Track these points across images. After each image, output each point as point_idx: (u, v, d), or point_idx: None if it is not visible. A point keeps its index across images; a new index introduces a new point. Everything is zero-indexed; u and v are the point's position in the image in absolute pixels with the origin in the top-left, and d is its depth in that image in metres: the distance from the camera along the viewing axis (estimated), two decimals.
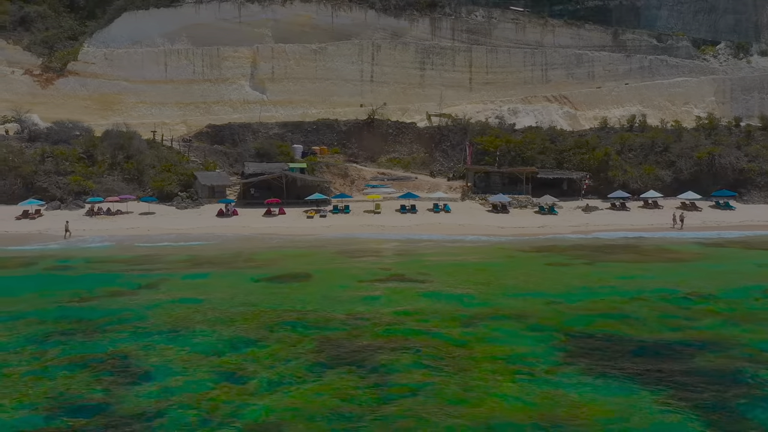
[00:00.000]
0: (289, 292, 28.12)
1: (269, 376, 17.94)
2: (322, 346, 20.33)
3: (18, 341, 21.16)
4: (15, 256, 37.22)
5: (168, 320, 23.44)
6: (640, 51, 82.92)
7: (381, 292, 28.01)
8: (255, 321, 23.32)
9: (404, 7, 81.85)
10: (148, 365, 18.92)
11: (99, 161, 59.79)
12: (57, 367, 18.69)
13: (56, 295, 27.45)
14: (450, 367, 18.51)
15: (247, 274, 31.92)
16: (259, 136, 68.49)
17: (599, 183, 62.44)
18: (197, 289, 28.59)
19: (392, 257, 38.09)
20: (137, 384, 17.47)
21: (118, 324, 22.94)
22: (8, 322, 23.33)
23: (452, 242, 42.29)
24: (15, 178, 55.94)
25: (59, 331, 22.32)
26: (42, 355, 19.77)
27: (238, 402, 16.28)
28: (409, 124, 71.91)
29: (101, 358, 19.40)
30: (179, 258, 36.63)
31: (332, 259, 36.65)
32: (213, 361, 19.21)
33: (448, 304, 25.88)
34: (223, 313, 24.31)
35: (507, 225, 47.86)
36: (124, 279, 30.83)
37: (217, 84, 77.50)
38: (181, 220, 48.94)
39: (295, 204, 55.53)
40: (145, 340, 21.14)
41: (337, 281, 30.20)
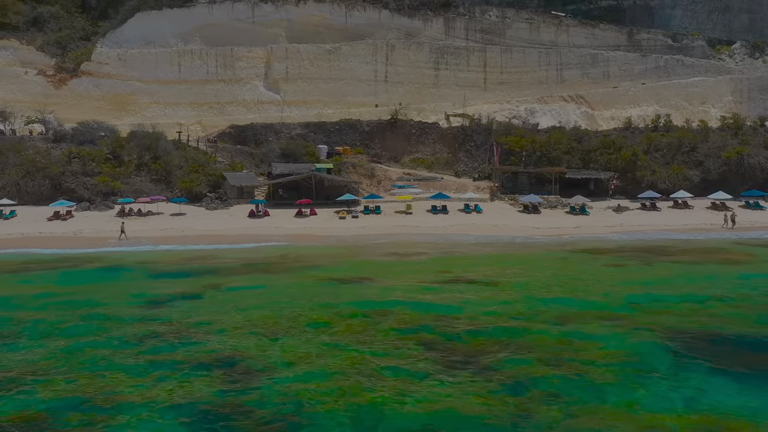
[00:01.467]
0: (372, 294, 27.76)
1: (405, 384, 17.35)
2: (443, 347, 20.07)
3: (121, 342, 20.86)
4: (85, 257, 36.60)
5: (265, 322, 23.09)
6: (655, 51, 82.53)
7: (471, 295, 27.61)
8: (355, 325, 22.81)
9: (418, 7, 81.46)
10: (264, 365, 18.64)
11: (126, 162, 59.34)
12: (173, 369, 18.33)
13: (154, 297, 27.13)
14: (577, 371, 18.20)
15: (311, 276, 31.47)
16: (282, 136, 68.07)
17: (627, 183, 62.02)
18: (275, 291, 28.23)
19: (444, 258, 37.46)
20: (258, 386, 17.13)
21: (224, 326, 22.61)
22: (104, 322, 23.06)
23: (496, 243, 41.67)
24: (43, 179, 55.56)
25: (164, 332, 21.96)
26: (149, 356, 19.42)
27: (383, 408, 15.78)
28: (432, 124, 71.47)
29: (223, 360, 19.06)
30: (245, 260, 36.20)
31: (385, 261, 36.38)
32: (331, 364, 18.77)
33: (541, 305, 25.53)
34: (315, 313, 23.98)
35: (542, 226, 47.34)
36: (208, 279, 30.63)
37: (231, 84, 77.08)
38: (214, 221, 48.34)
39: (324, 205, 55.06)
40: (249, 341, 20.79)
41: (407, 283, 29.82)
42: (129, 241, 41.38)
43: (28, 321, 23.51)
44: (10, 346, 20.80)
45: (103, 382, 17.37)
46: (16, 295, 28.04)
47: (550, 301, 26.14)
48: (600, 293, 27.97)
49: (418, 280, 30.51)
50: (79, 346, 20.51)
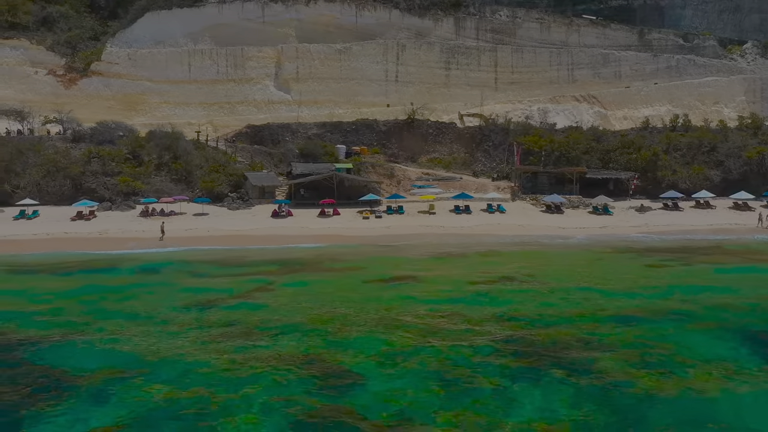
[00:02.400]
0: (427, 293, 27.57)
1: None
2: (525, 344, 20.21)
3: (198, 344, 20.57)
4: (128, 258, 36.20)
5: (333, 323, 22.93)
6: (667, 51, 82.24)
7: (527, 294, 27.55)
8: (426, 324, 22.51)
9: (428, 7, 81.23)
10: (354, 367, 18.52)
11: (145, 162, 58.99)
12: (260, 370, 18.16)
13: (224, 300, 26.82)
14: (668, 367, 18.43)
15: (355, 277, 31.37)
16: (298, 136, 67.81)
17: (647, 183, 61.76)
18: (326, 292, 28.14)
19: (482, 258, 37.13)
20: (355, 388, 17.02)
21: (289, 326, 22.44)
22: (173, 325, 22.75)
23: (529, 243, 41.34)
24: (64, 179, 55.30)
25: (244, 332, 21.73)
26: (233, 356, 19.13)
27: (497, 412, 15.69)
28: (448, 124, 71.17)
29: (310, 362, 18.86)
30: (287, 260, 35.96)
31: (423, 262, 36.13)
32: (421, 365, 18.54)
33: (604, 304, 25.48)
34: (379, 314, 23.78)
35: (568, 225, 46.99)
36: (253, 280, 30.42)
37: (241, 84, 76.80)
38: (238, 222, 47.90)
39: (345, 205, 54.77)
40: (326, 341, 20.64)
41: (456, 283, 29.67)
42: (162, 241, 41.03)
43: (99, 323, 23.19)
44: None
45: (198, 387, 17.13)
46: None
47: (611, 300, 26.18)
48: (661, 294, 27.91)
49: (467, 280, 30.38)
50: (160, 348, 20.34)
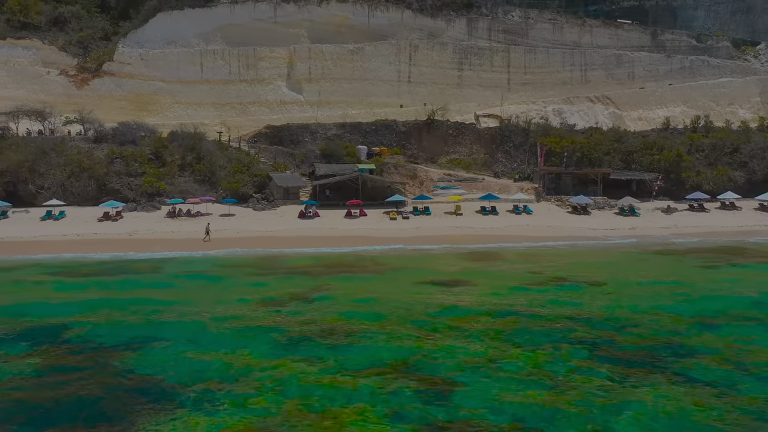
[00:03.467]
0: (486, 296, 27.36)
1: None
2: (608, 347, 20.10)
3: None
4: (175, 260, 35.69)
5: (404, 326, 22.72)
6: (680, 51, 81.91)
7: (588, 296, 27.35)
8: (498, 326, 22.31)
9: (441, 8, 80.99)
10: (450, 370, 18.26)
11: (168, 162, 58.66)
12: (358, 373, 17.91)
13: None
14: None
15: (406, 279, 31.12)
16: (317, 137, 67.52)
17: (670, 184, 61.46)
18: (382, 295, 27.84)
19: (525, 260, 36.81)
20: (456, 392, 16.72)
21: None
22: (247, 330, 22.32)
23: (565, 245, 41.05)
24: (88, 180, 54.99)
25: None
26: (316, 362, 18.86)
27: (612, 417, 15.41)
28: (468, 125, 70.84)
29: (406, 366, 18.57)
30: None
31: (467, 263, 35.88)
32: (510, 368, 18.36)
33: (670, 305, 25.40)
34: (447, 317, 23.64)
35: (598, 227, 46.58)
36: (305, 281, 30.24)
37: (253, 84, 76.51)
38: (266, 223, 47.58)
39: (369, 205, 54.42)
40: (408, 344, 20.38)
41: (509, 285, 29.43)
42: (207, 242, 40.55)
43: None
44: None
45: (295, 398, 16.71)
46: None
47: (676, 301, 26.06)
48: (726, 295, 27.87)
49: (521, 281, 30.21)
50: (246, 354, 19.95)
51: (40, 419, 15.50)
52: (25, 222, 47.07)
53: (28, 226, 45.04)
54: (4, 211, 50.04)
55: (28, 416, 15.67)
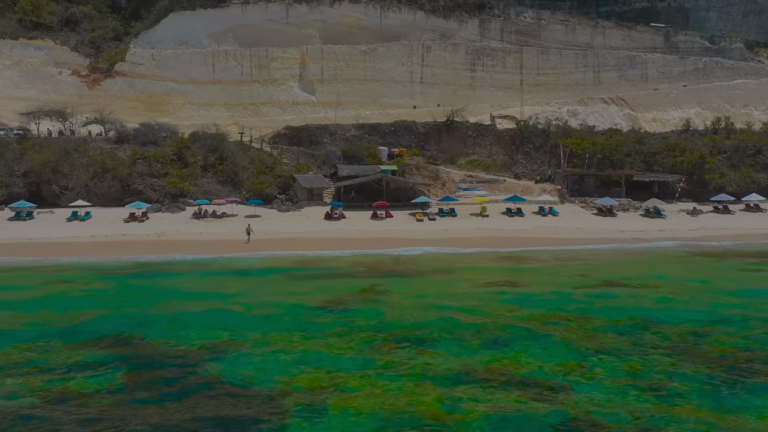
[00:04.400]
0: (549, 298, 27.31)
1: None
2: (692, 354, 19.92)
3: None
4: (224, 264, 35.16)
5: (489, 329, 22.49)
6: (693, 53, 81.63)
7: (647, 298, 27.13)
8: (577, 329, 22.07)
9: (453, 8, 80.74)
10: (543, 375, 17.95)
11: (191, 163, 58.31)
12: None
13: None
14: None
15: (459, 281, 30.91)
16: (336, 137, 67.18)
17: (693, 186, 61.06)
18: (443, 297, 27.55)
19: (565, 263, 36.47)
20: (562, 398, 16.38)
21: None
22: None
23: (598, 247, 40.66)
24: (112, 181, 54.66)
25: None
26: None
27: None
28: (487, 126, 70.50)
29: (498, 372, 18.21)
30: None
31: (509, 265, 35.67)
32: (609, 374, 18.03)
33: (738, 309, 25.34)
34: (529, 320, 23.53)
35: (627, 229, 46.13)
36: (355, 283, 30.04)
37: (265, 85, 76.28)
38: (292, 224, 47.07)
39: (393, 207, 53.84)
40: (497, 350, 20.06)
41: (561, 288, 29.23)
42: (248, 244, 39.92)
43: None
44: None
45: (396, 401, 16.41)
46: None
47: (741, 305, 25.83)
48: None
49: (571, 284, 29.95)
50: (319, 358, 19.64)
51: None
52: (51, 223, 46.64)
53: (55, 227, 44.61)
54: (29, 212, 49.67)
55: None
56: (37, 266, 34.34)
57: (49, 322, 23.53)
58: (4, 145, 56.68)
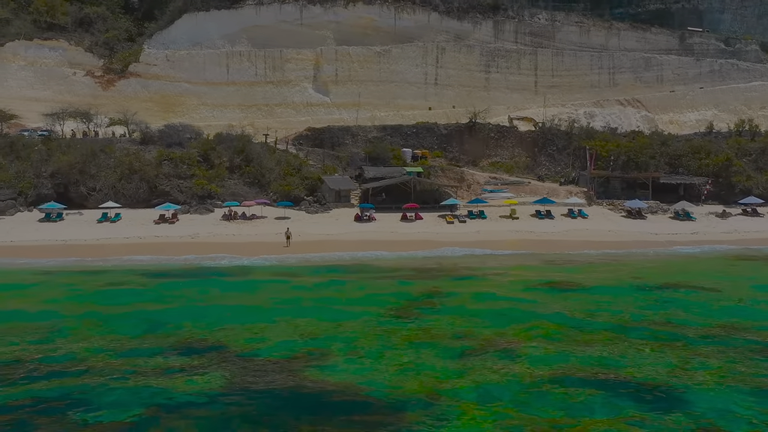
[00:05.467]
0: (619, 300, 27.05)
1: None
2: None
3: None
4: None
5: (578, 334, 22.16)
6: (708, 55, 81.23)
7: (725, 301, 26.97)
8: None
9: (467, 10, 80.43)
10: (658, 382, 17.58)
11: (216, 164, 57.96)
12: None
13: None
14: None
15: (517, 283, 30.75)
16: (358, 139, 66.89)
17: (719, 189, 60.57)
18: (509, 299, 27.51)
19: (613, 265, 36.08)
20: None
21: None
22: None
23: (636, 250, 40.34)
24: (140, 182, 54.37)
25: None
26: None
27: None
28: (510, 128, 70.09)
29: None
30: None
31: (557, 266, 35.41)
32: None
33: None
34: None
35: (660, 232, 45.64)
36: (412, 286, 29.73)
37: (279, 86, 76.01)
38: (323, 226, 46.53)
39: (421, 209, 53.12)
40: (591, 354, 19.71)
41: (624, 291, 29.02)
42: (288, 247, 39.28)
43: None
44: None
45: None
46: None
47: None
48: None
49: (635, 289, 29.62)
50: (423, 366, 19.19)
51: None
52: (82, 224, 46.26)
53: (86, 229, 44.24)
54: (59, 213, 49.31)
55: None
56: (85, 268, 33.79)
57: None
58: (30, 146, 56.48)
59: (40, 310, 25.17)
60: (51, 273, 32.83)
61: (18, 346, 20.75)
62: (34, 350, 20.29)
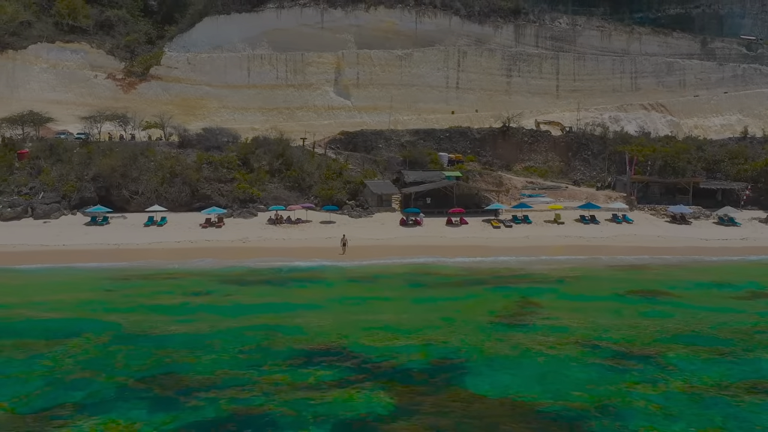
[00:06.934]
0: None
1: None
2: None
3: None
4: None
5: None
6: (730, 59, 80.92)
7: None
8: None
9: (488, 14, 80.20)
10: None
11: (256, 168, 57.50)
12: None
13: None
14: None
15: (604, 289, 30.47)
16: (391, 143, 66.48)
17: (758, 194, 59.87)
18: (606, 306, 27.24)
19: (689, 269, 35.73)
20: None
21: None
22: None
23: (696, 256, 39.77)
24: (182, 185, 53.92)
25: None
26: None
27: None
28: (544, 133, 69.62)
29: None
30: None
31: (633, 273, 34.98)
32: None
33: None
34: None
35: (709, 237, 44.89)
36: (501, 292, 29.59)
37: (300, 90, 75.69)
38: (369, 230, 45.76)
39: (464, 214, 52.64)
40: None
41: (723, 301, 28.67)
42: (343, 255, 38.49)
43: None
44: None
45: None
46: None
47: None
48: None
49: (734, 298, 29.37)
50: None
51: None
52: (128, 228, 45.77)
53: (135, 233, 43.76)
54: (105, 217, 48.86)
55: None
56: (158, 274, 33.02)
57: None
58: (69, 149, 56.13)
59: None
60: (129, 279, 31.98)
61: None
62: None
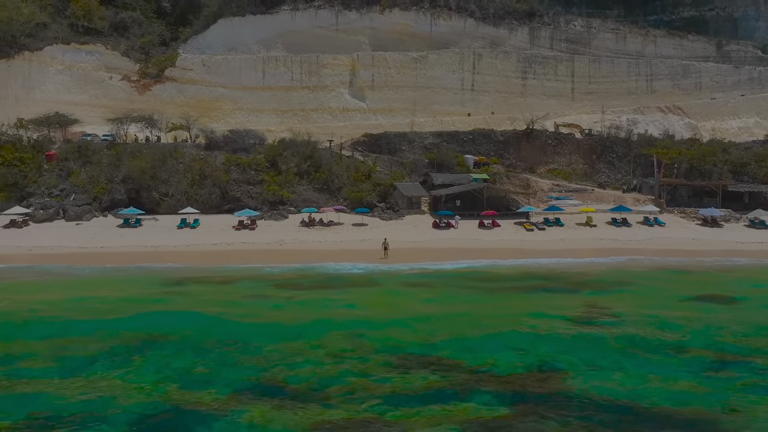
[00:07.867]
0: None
1: None
2: None
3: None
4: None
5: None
6: (745, 62, 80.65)
7: None
8: None
9: (503, 16, 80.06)
10: None
11: (284, 170, 57.23)
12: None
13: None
14: None
15: (667, 296, 29.83)
16: (414, 145, 66.16)
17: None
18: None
19: (733, 273, 35.56)
20: None
21: None
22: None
23: (740, 260, 39.42)
24: (212, 187, 53.58)
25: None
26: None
27: None
28: (568, 135, 69.35)
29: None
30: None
31: (683, 278, 34.64)
32: None
33: None
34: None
35: (745, 240, 44.44)
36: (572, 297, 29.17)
37: (315, 91, 75.46)
38: (403, 233, 45.22)
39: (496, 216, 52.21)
40: None
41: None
42: (385, 259, 37.58)
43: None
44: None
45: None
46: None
47: None
48: None
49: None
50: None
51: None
52: (161, 230, 45.37)
53: (169, 235, 43.40)
54: (137, 219, 48.49)
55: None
56: (208, 278, 32.36)
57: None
58: (97, 151, 55.95)
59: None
60: (182, 284, 31.32)
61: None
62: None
